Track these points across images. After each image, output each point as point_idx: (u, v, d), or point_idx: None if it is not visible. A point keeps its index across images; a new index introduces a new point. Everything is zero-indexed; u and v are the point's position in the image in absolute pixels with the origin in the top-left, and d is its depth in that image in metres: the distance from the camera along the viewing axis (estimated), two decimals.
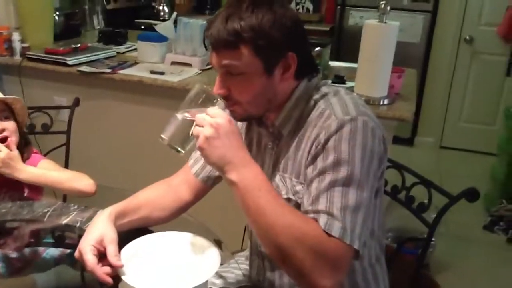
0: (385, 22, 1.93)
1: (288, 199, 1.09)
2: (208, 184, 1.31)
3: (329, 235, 0.90)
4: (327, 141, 0.98)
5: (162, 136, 1.01)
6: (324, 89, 1.10)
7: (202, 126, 0.96)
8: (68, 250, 1.30)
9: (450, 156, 4.11)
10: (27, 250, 1.26)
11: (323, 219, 0.92)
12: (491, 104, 4.01)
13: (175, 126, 1.02)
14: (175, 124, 1.02)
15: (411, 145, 4.21)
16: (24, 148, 1.50)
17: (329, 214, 0.92)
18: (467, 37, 3.94)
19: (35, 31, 2.58)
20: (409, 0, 3.84)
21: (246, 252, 1.44)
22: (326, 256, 0.90)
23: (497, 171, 3.19)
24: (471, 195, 1.19)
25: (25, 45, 2.50)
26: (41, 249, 1.27)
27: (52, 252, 1.28)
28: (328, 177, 0.96)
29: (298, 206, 1.05)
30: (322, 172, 0.97)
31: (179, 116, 1.02)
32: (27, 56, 2.44)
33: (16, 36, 2.47)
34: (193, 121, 1.00)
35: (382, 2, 1.93)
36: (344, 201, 0.93)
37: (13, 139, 1.44)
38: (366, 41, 1.96)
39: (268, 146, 1.16)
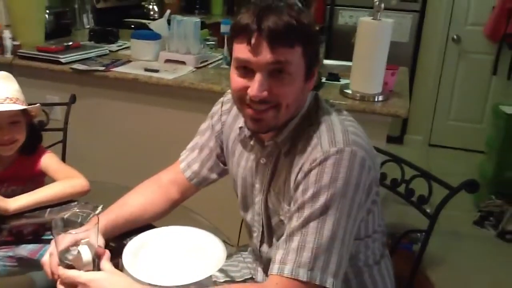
0: (380, 19, 1.95)
1: (282, 222, 1.09)
2: (200, 187, 1.31)
3: (297, 280, 0.92)
4: (308, 173, 0.96)
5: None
6: (322, 107, 1.05)
7: None
8: None
9: (439, 153, 4.16)
10: (25, 248, 1.24)
11: (288, 267, 0.93)
12: (479, 103, 4.08)
13: None
14: None
15: (401, 143, 4.27)
16: (32, 144, 1.51)
17: (297, 260, 0.93)
18: (455, 37, 3.99)
19: (26, 29, 2.56)
20: None
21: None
22: None
23: (485, 168, 3.24)
24: (471, 186, 1.21)
25: (16, 43, 2.48)
26: (38, 246, 1.25)
27: None
28: (306, 211, 0.95)
29: None
30: (301, 207, 0.96)
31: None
32: (18, 54, 2.41)
33: (7, 34, 2.44)
34: None
35: (376, 0, 1.95)
36: (317, 239, 0.93)
37: (19, 142, 1.46)
38: (361, 38, 1.98)
39: (261, 161, 1.12)
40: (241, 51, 0.96)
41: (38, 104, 1.48)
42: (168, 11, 2.55)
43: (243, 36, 0.95)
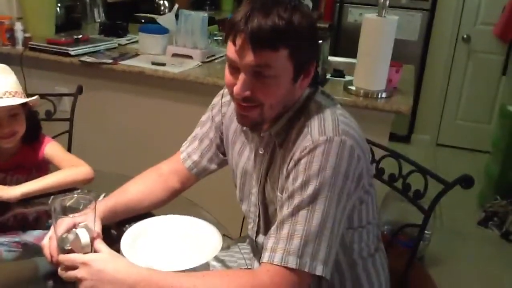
0: (384, 16, 1.96)
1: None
2: (200, 177, 1.33)
3: (287, 267, 0.93)
4: (298, 161, 0.97)
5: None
6: (315, 100, 1.06)
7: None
8: None
9: (446, 153, 4.16)
10: (30, 234, 1.27)
11: (279, 255, 0.95)
12: (487, 103, 4.06)
13: None
14: None
15: (408, 142, 4.26)
16: (32, 133, 1.52)
17: (287, 248, 0.95)
18: (464, 36, 3.98)
19: (37, 22, 2.60)
20: None
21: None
22: None
23: (491, 168, 3.23)
24: (466, 181, 1.22)
25: (27, 35, 2.52)
26: (43, 232, 1.28)
27: None
28: (295, 200, 0.96)
29: None
30: (291, 196, 0.98)
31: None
32: (29, 46, 2.46)
33: (18, 26, 2.48)
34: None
35: None
36: (307, 227, 0.94)
37: (19, 134, 1.47)
38: (365, 35, 1.99)
39: (259, 152, 1.14)
40: (230, 49, 0.98)
41: (36, 96, 1.49)
42: (176, 6, 2.58)
43: (231, 34, 0.97)
